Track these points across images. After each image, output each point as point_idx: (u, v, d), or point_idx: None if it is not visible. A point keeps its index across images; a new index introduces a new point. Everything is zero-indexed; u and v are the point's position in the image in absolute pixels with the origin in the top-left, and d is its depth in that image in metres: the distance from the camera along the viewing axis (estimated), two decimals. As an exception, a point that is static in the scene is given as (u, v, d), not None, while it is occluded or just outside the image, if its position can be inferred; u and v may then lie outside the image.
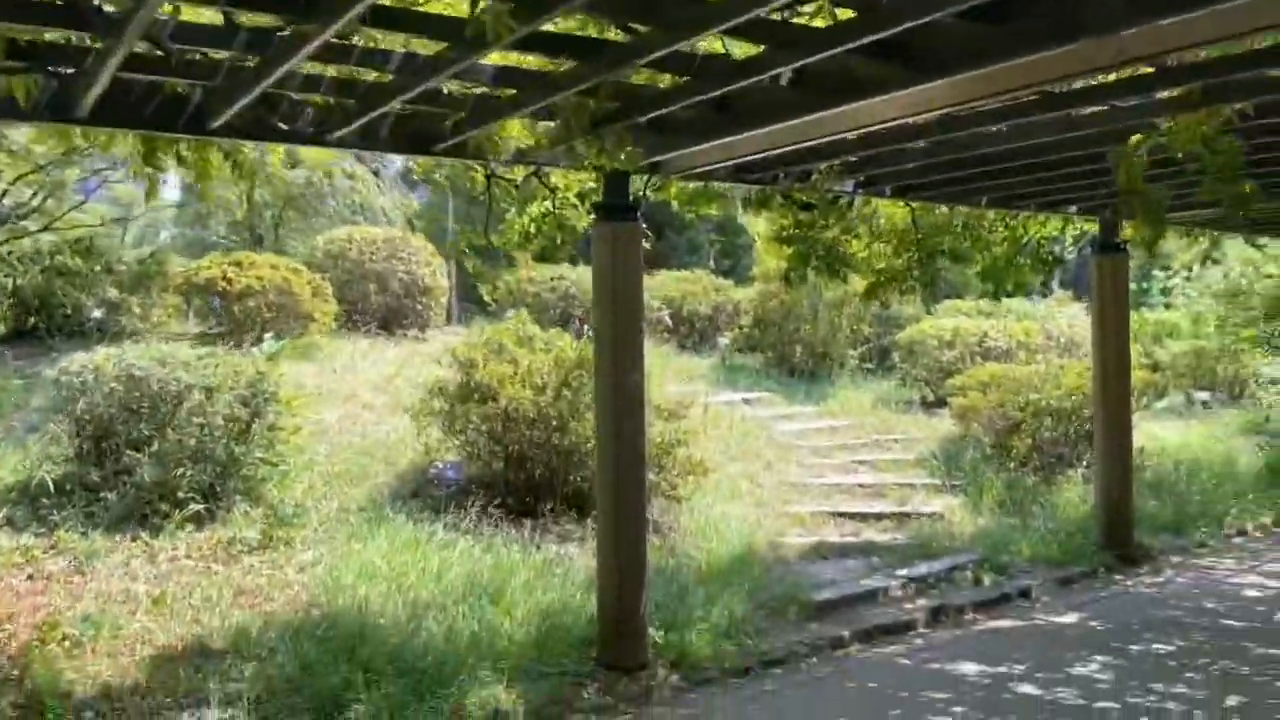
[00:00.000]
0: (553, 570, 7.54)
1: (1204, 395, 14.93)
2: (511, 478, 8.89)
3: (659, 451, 9.02)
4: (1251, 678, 6.17)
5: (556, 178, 6.92)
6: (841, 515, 10.16)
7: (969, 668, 6.51)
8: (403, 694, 5.65)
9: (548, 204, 6.95)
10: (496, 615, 6.62)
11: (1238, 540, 10.16)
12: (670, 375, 16.16)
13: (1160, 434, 12.44)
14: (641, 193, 6.93)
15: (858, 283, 16.08)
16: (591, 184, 6.87)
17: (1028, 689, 6.09)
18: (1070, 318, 17.44)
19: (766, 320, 16.98)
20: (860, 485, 11.09)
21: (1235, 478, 11.61)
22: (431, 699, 5.66)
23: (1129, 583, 8.60)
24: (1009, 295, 16.70)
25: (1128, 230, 9.64)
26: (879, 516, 10.12)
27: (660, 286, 18.54)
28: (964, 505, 10.42)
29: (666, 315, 17.93)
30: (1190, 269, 15.52)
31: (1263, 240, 11.66)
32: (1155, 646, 6.86)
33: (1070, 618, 7.62)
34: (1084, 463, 11.39)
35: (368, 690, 5.63)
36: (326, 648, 6.03)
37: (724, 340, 16.90)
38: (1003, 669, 6.47)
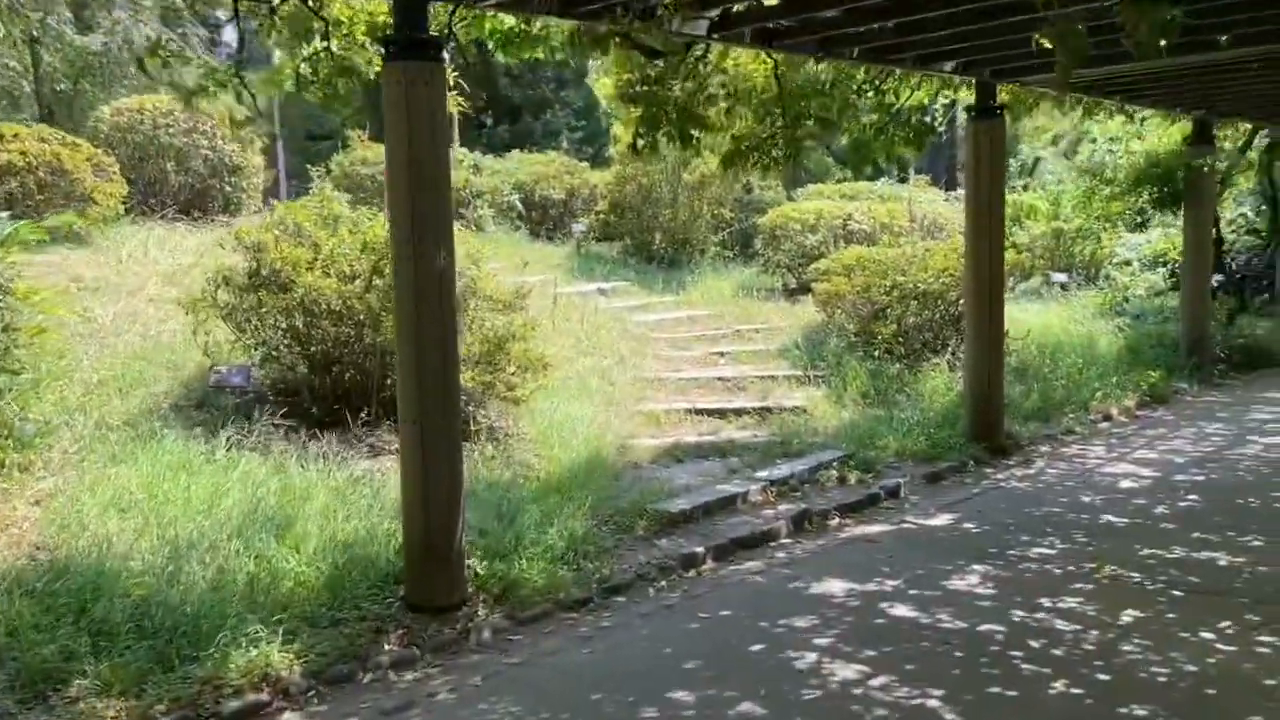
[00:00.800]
0: (359, 492, 6.32)
1: (1062, 277, 14.57)
2: (317, 383, 7.54)
3: (491, 348, 7.80)
4: (1145, 585, 5.52)
5: (338, 8, 5.44)
6: (700, 412, 9.23)
7: (836, 586, 5.67)
8: (143, 662, 4.40)
9: (329, 42, 5.46)
10: (281, 551, 5.38)
11: (1104, 425, 9.72)
12: (520, 265, 14.84)
13: (1022, 317, 11.92)
14: (446, 29, 5.52)
15: (717, 163, 15.06)
16: (385, 16, 5.43)
17: (902, 610, 5.27)
18: (929, 202, 16.86)
19: (624, 205, 15.75)
20: (720, 379, 10.17)
21: (1097, 360, 11.20)
22: (182, 666, 4.43)
23: (1000, 476, 7.97)
24: (877, 172, 15.94)
25: (1003, 94, 8.76)
26: (739, 412, 9.22)
27: (511, 170, 17.03)
28: (828, 397, 9.63)
29: (518, 201, 16.49)
30: (1056, 142, 14.98)
31: (1138, 111, 11.02)
32: (1035, 550, 6.17)
33: (942, 519, 6.90)
34: (950, 349, 10.77)
35: (95, 659, 4.36)
36: (48, 605, 4.69)
37: (579, 227, 15.63)
38: (873, 586, 5.65)
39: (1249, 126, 12.68)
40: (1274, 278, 14.84)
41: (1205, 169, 11.47)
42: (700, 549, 6.22)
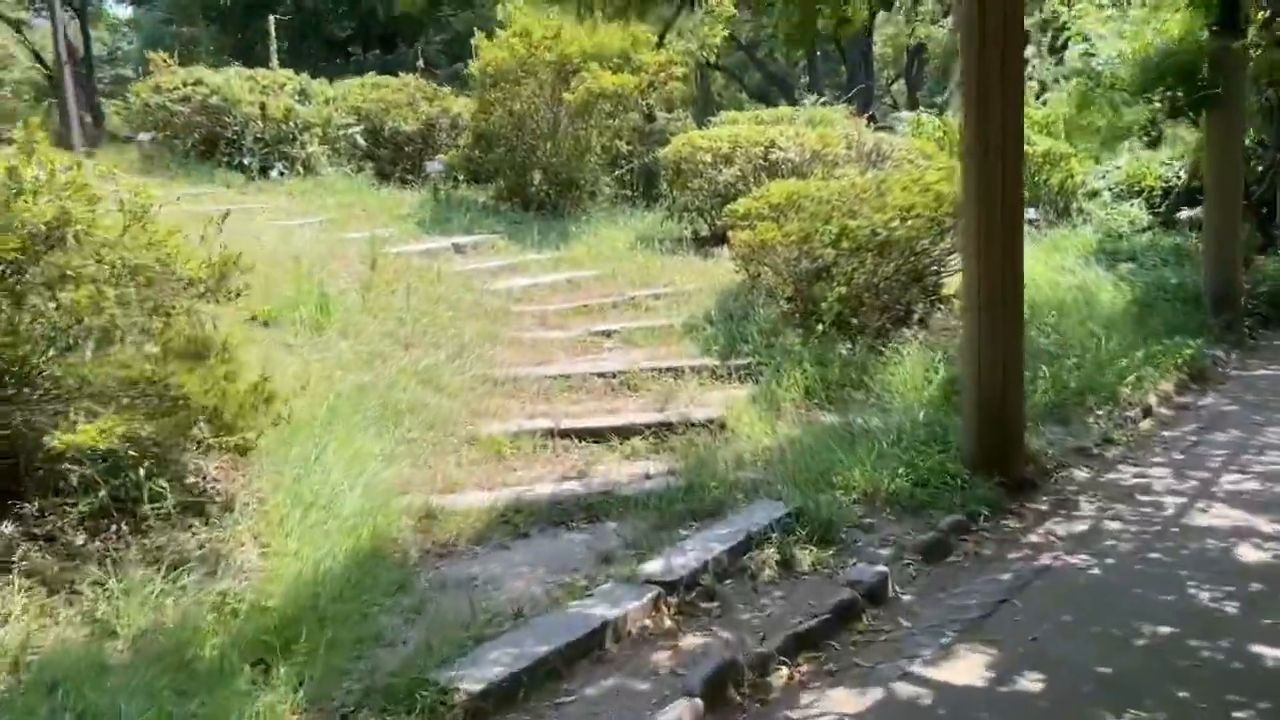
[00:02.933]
0: None
1: (1031, 213, 11.59)
2: None
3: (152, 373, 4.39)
4: None
5: None
6: (567, 435, 5.96)
7: None
8: None
9: None
10: None
11: (1146, 425, 6.72)
12: (359, 215, 11.31)
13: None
14: None
15: (606, 80, 11.59)
16: None
17: None
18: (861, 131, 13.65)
19: (491, 136, 12.21)
20: (602, 375, 6.89)
21: (1105, 323, 8.22)
22: None
23: (1035, 540, 4.87)
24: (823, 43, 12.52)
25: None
26: (626, 433, 5.97)
27: (348, 96, 13.33)
28: (756, 400, 6.44)
29: (358, 134, 12.83)
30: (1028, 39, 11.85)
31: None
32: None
33: (972, 664, 3.73)
34: (917, 317, 7.66)
35: None
36: None
37: (435, 166, 12.08)
38: None
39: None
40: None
41: (1238, 60, 8.46)
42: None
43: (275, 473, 4.82)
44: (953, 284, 7.93)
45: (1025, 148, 11.24)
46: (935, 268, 7.77)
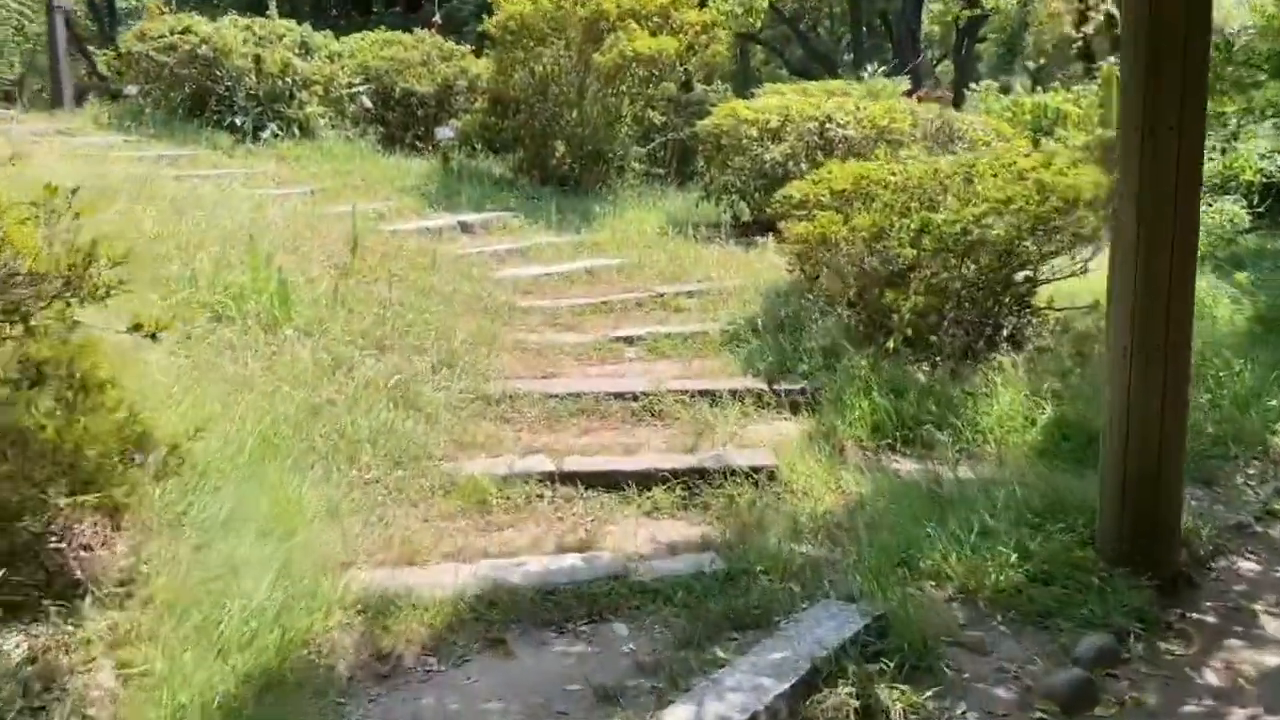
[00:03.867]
0: None
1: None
2: None
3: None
4: None
5: None
6: (572, 480, 4.58)
7: None
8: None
9: None
10: None
11: (1312, 491, 5.27)
12: (357, 186, 9.94)
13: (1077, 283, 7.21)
14: None
15: (642, 42, 10.13)
16: None
17: None
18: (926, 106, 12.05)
19: (510, 101, 10.78)
20: (619, 396, 5.48)
21: (1229, 346, 6.69)
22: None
23: (1212, 678, 3.38)
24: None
25: None
26: (648, 480, 4.56)
27: (357, 53, 11.93)
28: (813, 437, 5.04)
29: (365, 96, 11.44)
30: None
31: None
32: None
33: None
34: (1006, 333, 6.19)
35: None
36: None
37: (446, 132, 10.67)
38: None
39: None
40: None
41: None
42: None
43: (169, 541, 3.49)
44: (1045, 294, 6.46)
45: (1110, 132, 9.66)
46: (1028, 273, 6.29)
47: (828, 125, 9.10)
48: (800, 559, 3.95)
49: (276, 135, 10.54)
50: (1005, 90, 16.01)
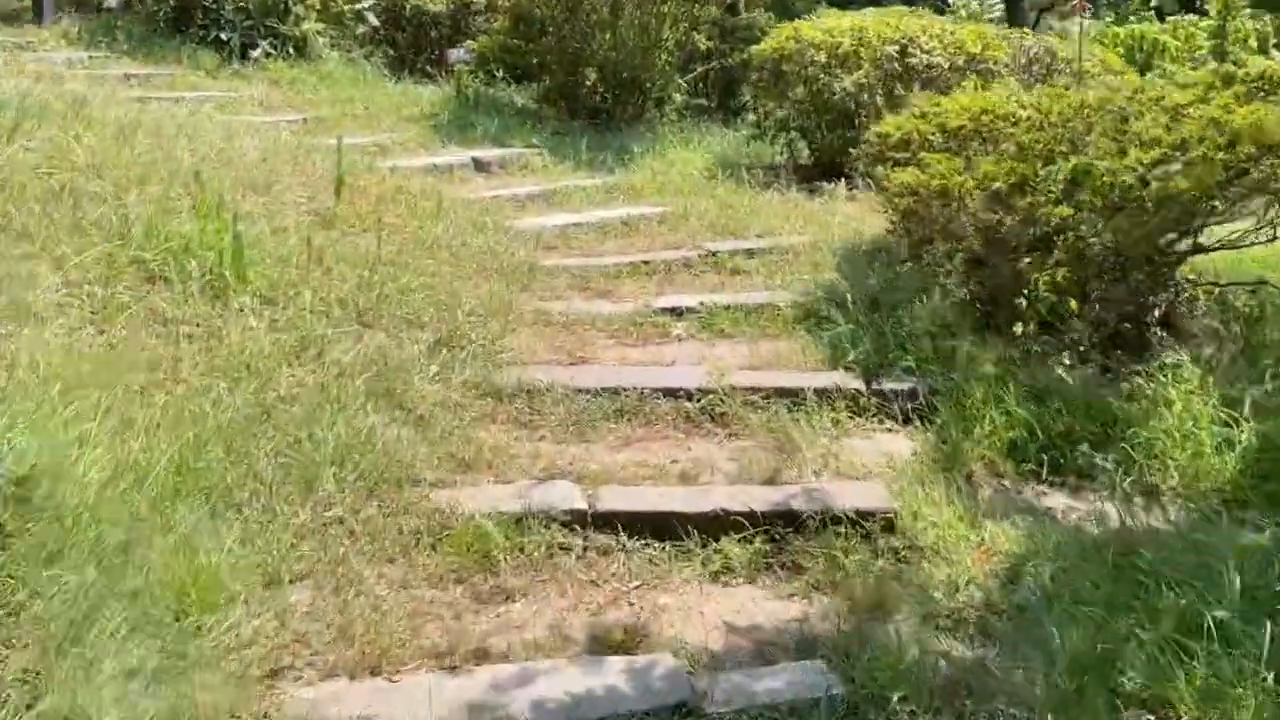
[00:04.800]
0: None
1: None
2: None
3: None
4: None
5: None
6: (606, 525, 3.26)
7: None
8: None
9: None
10: None
11: None
12: (358, 115, 8.54)
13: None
14: None
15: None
16: None
17: None
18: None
19: (534, 20, 9.27)
20: (669, 393, 4.12)
21: None
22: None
23: None
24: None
25: None
26: (711, 526, 3.24)
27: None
28: (930, 464, 3.68)
29: (371, 14, 9.95)
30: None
31: None
32: None
33: None
34: (1159, 314, 4.76)
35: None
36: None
37: (459, 54, 9.19)
38: None
39: None
40: None
41: None
42: None
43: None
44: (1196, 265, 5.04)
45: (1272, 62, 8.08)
46: (1193, 241, 4.85)
47: (909, 50, 7.56)
48: (947, 670, 2.64)
49: (269, 55, 9.11)
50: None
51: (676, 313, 5.01)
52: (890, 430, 3.98)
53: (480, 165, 7.54)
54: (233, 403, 3.45)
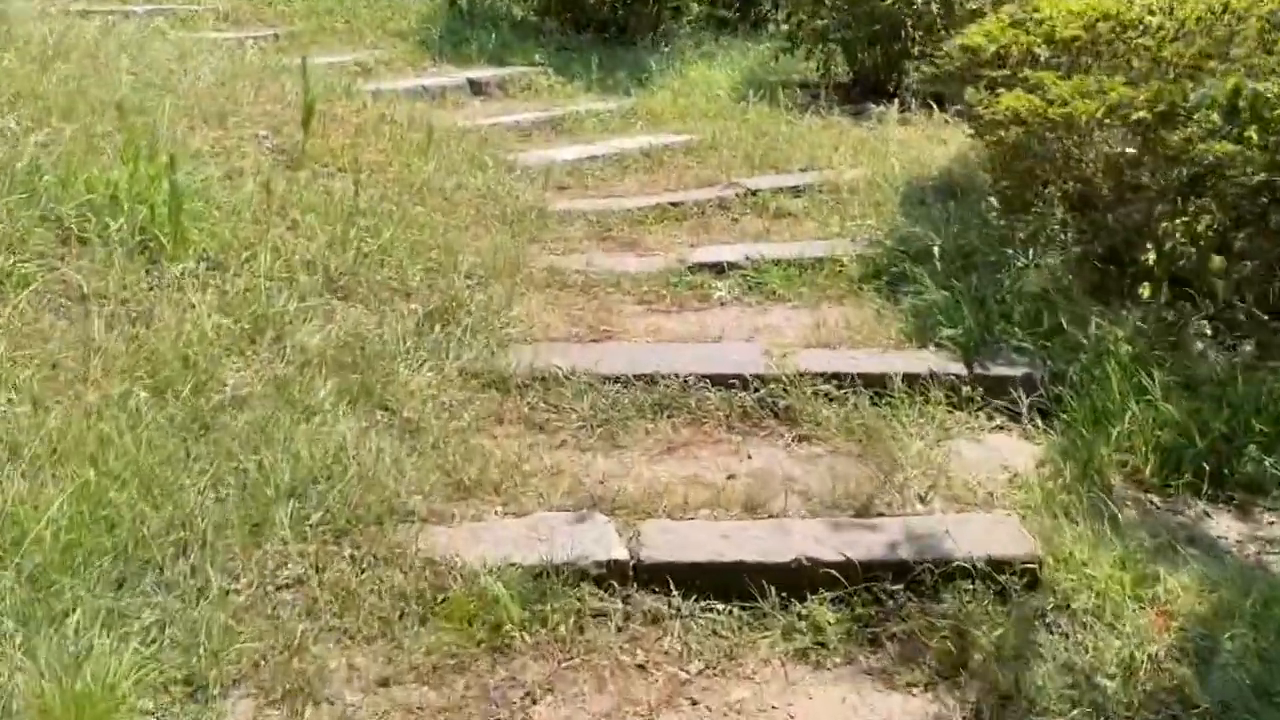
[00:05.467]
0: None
1: None
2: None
3: None
4: None
5: None
6: (652, 581, 2.41)
7: None
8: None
9: None
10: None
11: None
12: (338, 29, 7.49)
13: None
14: None
15: None
16: None
17: None
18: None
19: (535, -82, 8.11)
20: (719, 381, 3.25)
21: None
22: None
23: None
24: None
25: None
26: (791, 580, 2.40)
27: None
28: (1062, 482, 2.84)
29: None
30: None
31: None
32: None
33: None
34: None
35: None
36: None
37: (451, -41, 8.06)
38: None
39: None
40: None
41: None
42: None
43: None
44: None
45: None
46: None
47: (972, -53, 6.46)
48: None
49: (236, -40, 7.98)
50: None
51: (717, 269, 4.11)
52: (1002, 429, 3.12)
53: (477, 87, 6.54)
54: (157, 416, 2.60)
